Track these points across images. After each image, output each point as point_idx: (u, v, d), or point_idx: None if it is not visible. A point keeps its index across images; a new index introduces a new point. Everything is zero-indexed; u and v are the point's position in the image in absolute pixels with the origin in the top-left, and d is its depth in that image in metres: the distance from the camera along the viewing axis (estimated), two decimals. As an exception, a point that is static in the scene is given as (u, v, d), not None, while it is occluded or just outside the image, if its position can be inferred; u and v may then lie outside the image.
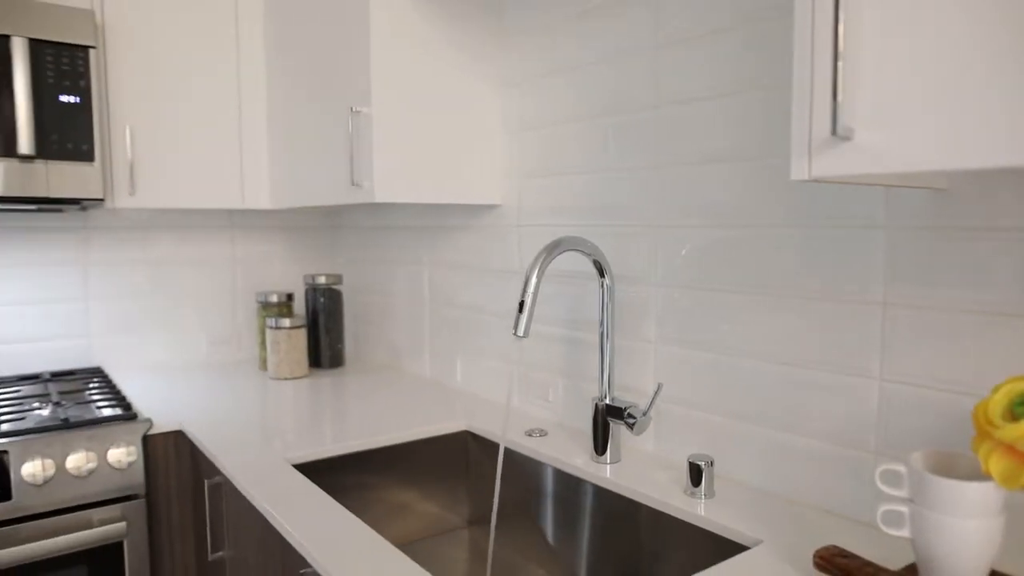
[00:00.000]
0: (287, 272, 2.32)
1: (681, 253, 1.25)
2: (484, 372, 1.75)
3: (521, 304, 1.17)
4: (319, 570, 0.95)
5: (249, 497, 1.17)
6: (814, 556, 0.86)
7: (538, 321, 1.57)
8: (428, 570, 1.45)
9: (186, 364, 2.15)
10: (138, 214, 2.07)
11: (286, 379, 1.96)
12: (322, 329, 2.10)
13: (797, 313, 1.09)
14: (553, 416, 1.56)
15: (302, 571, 1.03)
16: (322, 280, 2.09)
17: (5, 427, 1.44)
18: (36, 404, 1.62)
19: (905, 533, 0.76)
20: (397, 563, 0.93)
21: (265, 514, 1.11)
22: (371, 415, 1.60)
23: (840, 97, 0.68)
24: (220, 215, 2.20)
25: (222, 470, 1.30)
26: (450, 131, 1.58)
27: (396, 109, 1.50)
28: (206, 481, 1.46)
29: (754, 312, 1.15)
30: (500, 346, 1.69)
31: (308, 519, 1.06)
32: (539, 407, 1.59)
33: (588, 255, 1.26)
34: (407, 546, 1.48)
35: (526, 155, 1.59)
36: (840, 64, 0.67)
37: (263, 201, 1.97)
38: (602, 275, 1.28)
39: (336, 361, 2.12)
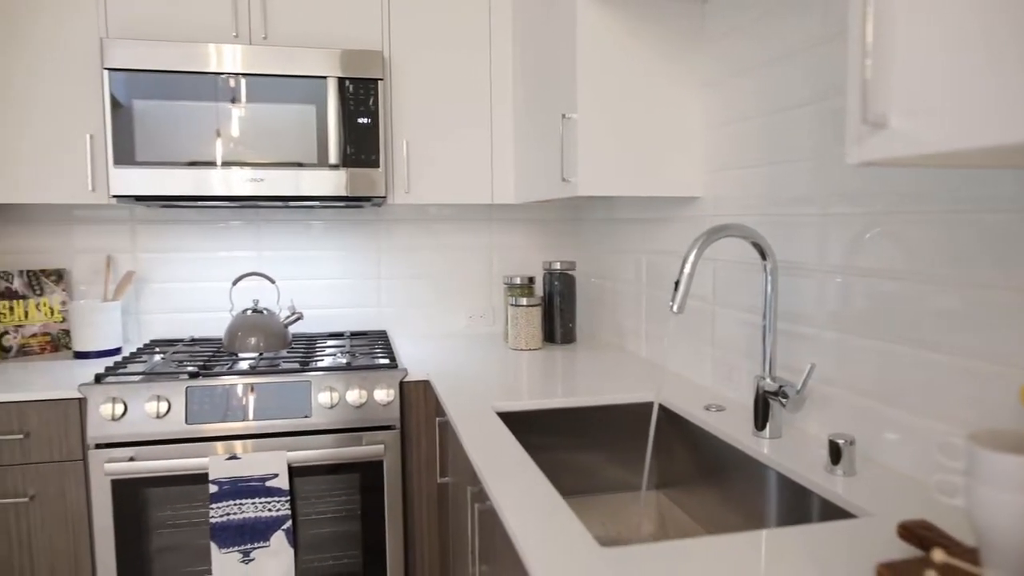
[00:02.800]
0: (531, 258, 2.66)
1: (866, 236, 1.27)
2: (686, 352, 1.88)
3: (676, 283, 1.31)
4: (484, 485, 1.22)
5: (455, 430, 1.49)
6: (898, 527, 0.90)
7: (729, 306, 1.67)
8: (600, 521, 1.65)
9: (448, 333, 2.60)
10: (415, 209, 2.56)
11: (521, 350, 2.29)
12: (556, 309, 2.39)
13: (949, 299, 1.08)
14: (736, 395, 1.64)
15: (480, 486, 1.32)
16: (557, 266, 2.38)
17: (314, 365, 1.96)
18: (338, 353, 2.14)
19: (958, 502, 0.79)
20: (544, 488, 1.16)
21: (462, 442, 1.42)
22: (575, 382, 1.83)
23: (869, 88, 0.74)
24: (480, 210, 2.61)
25: (446, 411, 1.64)
26: (650, 130, 1.74)
27: (600, 114, 1.71)
28: (437, 419, 1.82)
29: (908, 299, 1.15)
30: (699, 328, 1.81)
31: (490, 451, 1.33)
32: (726, 386, 1.68)
33: (749, 240, 1.35)
34: (584, 496, 1.69)
35: (721, 149, 1.69)
36: (868, 58, 0.74)
37: (509, 197, 2.31)
38: (764, 259, 1.36)
39: (568, 338, 2.40)
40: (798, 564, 0.87)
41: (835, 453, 1.18)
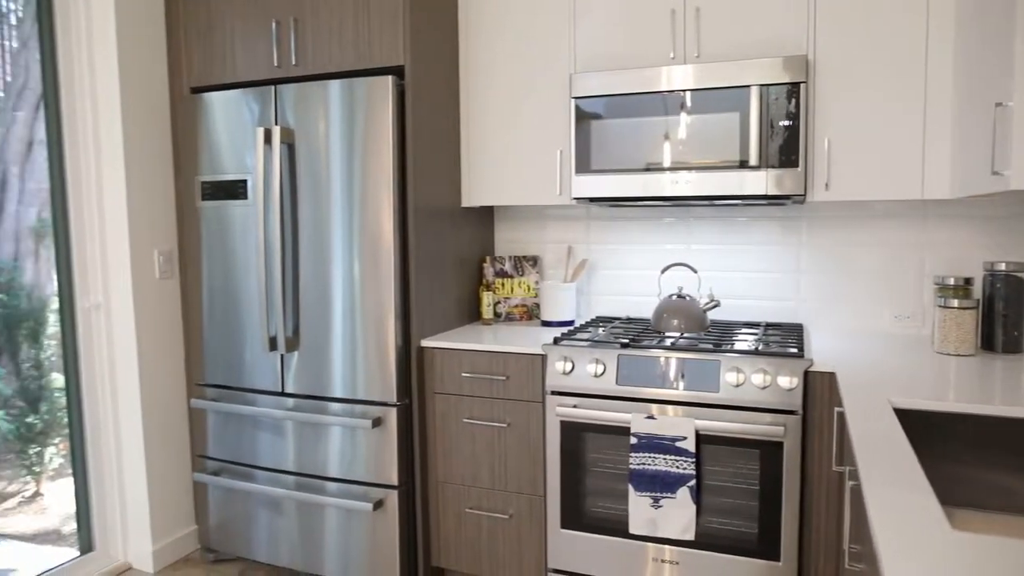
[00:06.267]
0: (971, 257, 2.42)
1: None
2: None
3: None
4: (856, 462, 1.30)
5: (847, 419, 1.56)
6: None
7: None
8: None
9: (870, 332, 2.55)
10: (838, 205, 2.56)
11: (949, 355, 2.14)
12: (997, 314, 2.16)
13: None
14: None
15: (856, 467, 1.39)
16: (1002, 267, 2.15)
17: (725, 348, 2.19)
18: (749, 339, 2.33)
19: None
20: (914, 477, 1.20)
21: (847, 423, 1.49)
22: (993, 389, 1.70)
23: None
24: (912, 205, 2.49)
25: (842, 402, 1.71)
26: (1113, 113, 1.52)
27: (1042, 99, 1.56)
28: (836, 409, 1.87)
29: None
30: None
31: (872, 437, 1.39)
32: None
33: None
34: (985, 512, 1.57)
35: None
36: None
37: (943, 191, 2.18)
38: None
39: (1012, 347, 2.15)
40: None
41: None
